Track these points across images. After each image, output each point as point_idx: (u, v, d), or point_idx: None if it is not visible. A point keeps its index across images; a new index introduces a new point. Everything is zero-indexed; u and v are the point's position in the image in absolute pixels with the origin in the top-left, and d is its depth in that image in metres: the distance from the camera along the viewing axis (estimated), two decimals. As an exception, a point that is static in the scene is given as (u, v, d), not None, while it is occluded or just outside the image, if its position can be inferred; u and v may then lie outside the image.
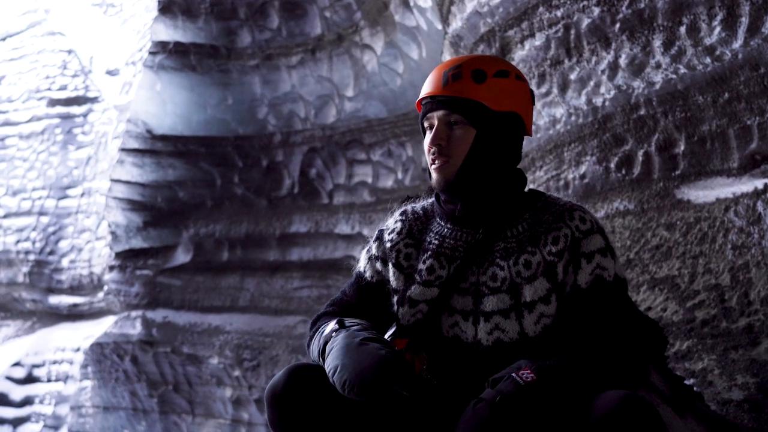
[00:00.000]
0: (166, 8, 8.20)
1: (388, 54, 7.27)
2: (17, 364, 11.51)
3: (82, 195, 11.82)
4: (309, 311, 7.97)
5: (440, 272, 1.84)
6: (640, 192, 3.90)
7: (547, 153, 4.46)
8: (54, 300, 11.78)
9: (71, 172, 12.07)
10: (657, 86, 3.68)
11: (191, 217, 8.82)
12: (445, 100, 1.82)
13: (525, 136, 1.89)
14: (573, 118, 4.21)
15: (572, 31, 3.99)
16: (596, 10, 3.79)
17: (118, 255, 9.03)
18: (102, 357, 9.06)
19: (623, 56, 3.76)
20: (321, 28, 7.70)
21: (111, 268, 9.18)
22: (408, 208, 1.98)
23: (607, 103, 3.97)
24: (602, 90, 3.96)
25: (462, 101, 1.81)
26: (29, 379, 11.41)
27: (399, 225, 1.94)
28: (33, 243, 11.95)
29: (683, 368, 3.22)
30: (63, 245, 11.72)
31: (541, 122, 4.40)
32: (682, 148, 3.66)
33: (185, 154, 8.68)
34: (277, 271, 8.52)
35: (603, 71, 3.91)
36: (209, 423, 8.56)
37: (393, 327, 1.85)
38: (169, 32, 8.28)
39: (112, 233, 9.03)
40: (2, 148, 12.91)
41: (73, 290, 11.52)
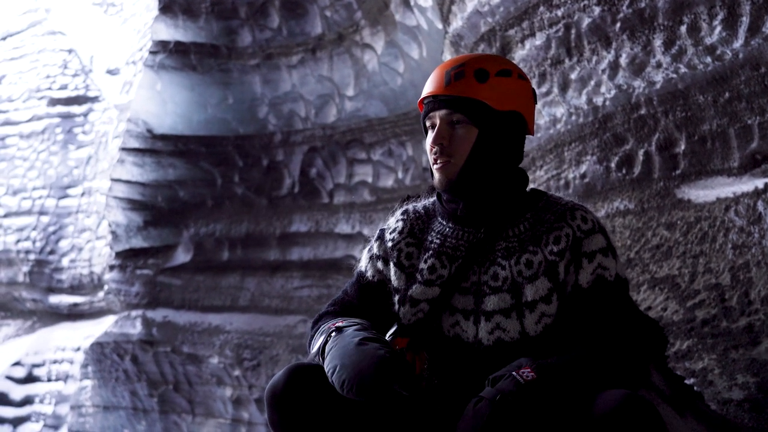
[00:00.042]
0: (167, 7, 8.20)
1: (389, 53, 7.26)
2: (17, 364, 11.51)
3: (83, 194, 11.83)
4: (309, 311, 7.97)
5: (441, 271, 1.84)
6: (641, 191, 3.90)
7: (548, 152, 4.45)
8: (54, 299, 11.79)
9: (71, 172, 12.07)
10: (657, 86, 3.67)
11: (191, 217, 8.82)
12: (448, 100, 1.82)
13: (527, 136, 1.89)
14: (573, 118, 4.21)
15: (573, 31, 3.99)
16: (597, 10, 3.78)
17: (119, 254, 9.03)
18: (102, 356, 9.06)
19: (624, 56, 3.76)
20: (321, 28, 7.69)
21: (111, 268, 9.18)
22: (409, 208, 1.97)
23: (608, 103, 3.97)
24: (603, 89, 3.96)
25: (464, 100, 1.81)
26: (29, 379, 11.42)
27: (400, 224, 1.94)
28: (33, 242, 11.95)
29: (683, 368, 3.21)
30: (63, 245, 11.73)
31: (542, 122, 4.40)
32: (683, 148, 3.66)
33: (186, 154, 8.67)
34: (278, 271, 8.51)
35: (603, 71, 3.90)
36: (209, 422, 8.55)
37: (394, 326, 1.85)
38: (170, 31, 8.28)
39: (113, 233, 9.03)
40: (3, 148, 12.91)
41: (74, 290, 11.53)
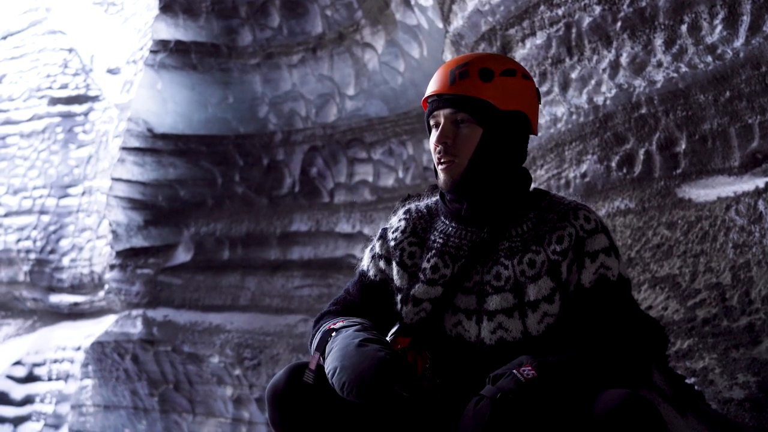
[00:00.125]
0: (168, 7, 8.20)
1: (389, 53, 7.26)
2: (18, 363, 11.52)
3: (83, 194, 11.83)
4: (310, 310, 7.97)
5: (444, 271, 1.84)
6: (641, 191, 3.90)
7: (548, 152, 4.45)
8: (55, 299, 11.79)
9: (72, 171, 12.08)
10: (658, 85, 3.67)
11: (192, 216, 8.82)
12: (452, 99, 1.82)
13: (531, 135, 1.89)
14: (574, 117, 4.21)
15: (573, 30, 3.99)
16: (597, 9, 3.78)
17: (119, 254, 9.04)
18: (103, 356, 9.06)
19: (624, 55, 3.76)
20: (322, 27, 7.69)
21: (112, 267, 9.19)
22: (412, 207, 1.97)
23: (608, 102, 3.97)
24: (603, 89, 3.96)
25: (469, 100, 1.81)
26: (30, 378, 11.43)
27: (403, 223, 1.94)
28: (34, 242, 11.96)
29: (684, 367, 3.21)
30: (64, 244, 11.73)
31: (543, 121, 4.40)
32: (683, 147, 3.66)
33: (186, 153, 8.68)
34: (278, 270, 8.52)
35: (604, 70, 3.90)
36: (210, 422, 8.56)
37: (396, 326, 1.84)
38: (170, 31, 8.28)
39: (113, 232, 9.03)
40: (3, 147, 12.92)
41: (74, 289, 11.53)
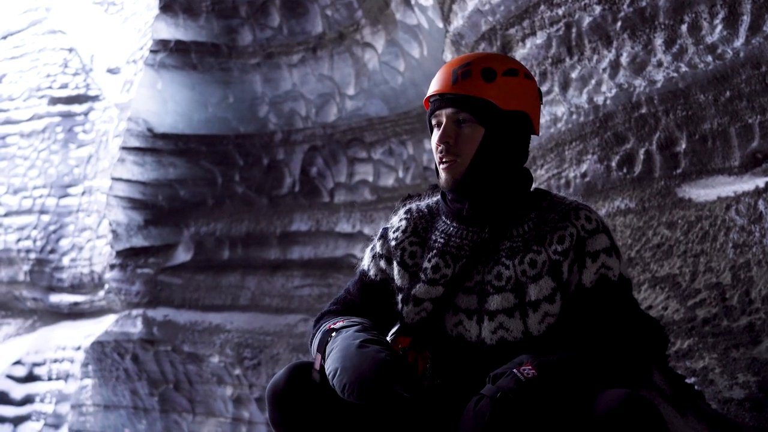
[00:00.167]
0: (168, 6, 8.20)
1: (389, 52, 7.26)
2: (18, 363, 11.53)
3: (83, 193, 11.84)
4: (310, 310, 7.97)
5: (445, 271, 1.84)
6: (642, 190, 3.90)
7: (549, 151, 4.45)
8: (55, 298, 11.80)
9: (72, 171, 12.08)
10: (658, 85, 3.67)
11: (192, 216, 8.82)
12: (454, 98, 1.82)
13: (532, 135, 1.89)
14: (574, 117, 4.21)
15: (573, 30, 3.99)
16: (597, 9, 3.78)
17: (119, 253, 9.04)
18: (103, 355, 9.06)
19: (624, 54, 3.76)
20: (322, 27, 7.69)
21: (112, 267, 9.19)
22: (413, 207, 1.96)
23: (609, 102, 3.97)
24: (603, 88, 3.96)
25: (471, 99, 1.80)
26: (30, 378, 11.43)
27: (404, 223, 1.94)
28: (34, 241, 11.97)
29: (684, 367, 3.21)
30: (64, 244, 11.73)
31: (543, 120, 4.40)
32: (684, 147, 3.66)
33: (186, 153, 8.68)
34: (278, 270, 8.52)
35: (604, 69, 3.90)
36: (210, 422, 8.56)
37: (397, 325, 1.84)
38: (170, 30, 8.28)
39: (113, 232, 9.03)
40: (3, 147, 12.92)
41: (74, 289, 11.54)
